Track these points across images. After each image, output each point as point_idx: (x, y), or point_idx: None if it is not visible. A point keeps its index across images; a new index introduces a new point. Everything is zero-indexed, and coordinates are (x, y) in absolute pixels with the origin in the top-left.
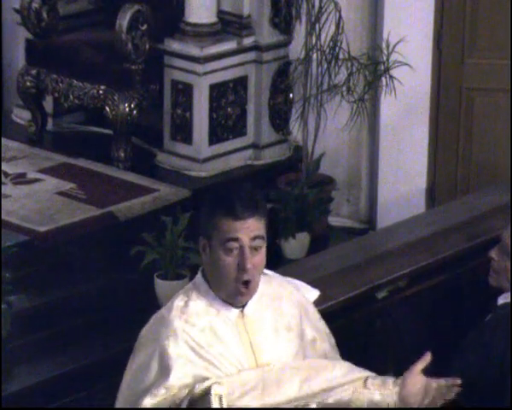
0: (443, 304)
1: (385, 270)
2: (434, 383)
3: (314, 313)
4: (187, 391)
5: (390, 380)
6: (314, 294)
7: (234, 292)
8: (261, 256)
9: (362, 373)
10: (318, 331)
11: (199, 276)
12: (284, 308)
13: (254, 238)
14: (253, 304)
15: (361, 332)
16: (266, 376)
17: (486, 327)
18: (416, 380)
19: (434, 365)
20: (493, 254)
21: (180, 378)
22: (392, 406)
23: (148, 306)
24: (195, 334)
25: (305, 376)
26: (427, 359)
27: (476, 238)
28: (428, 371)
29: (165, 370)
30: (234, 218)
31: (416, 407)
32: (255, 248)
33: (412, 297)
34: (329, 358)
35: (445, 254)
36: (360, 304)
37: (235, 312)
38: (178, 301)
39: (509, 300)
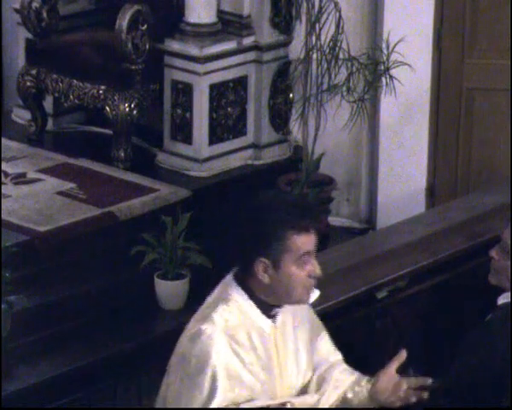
0: (443, 304)
1: (385, 270)
2: (406, 382)
3: (314, 313)
4: None
5: (364, 378)
6: (314, 294)
7: (300, 297)
8: None
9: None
10: (319, 328)
11: (234, 285)
12: (299, 315)
13: (315, 245)
14: (280, 315)
15: (361, 332)
16: None
17: (486, 327)
18: (389, 378)
19: (434, 365)
20: (493, 253)
21: (225, 400)
22: (362, 401)
23: (148, 306)
24: (241, 352)
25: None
26: (401, 357)
27: (476, 238)
28: (429, 372)
29: (214, 391)
30: (306, 233)
31: (384, 403)
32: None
33: (412, 297)
34: (331, 352)
35: (445, 254)
36: (360, 304)
37: (268, 323)
38: (218, 316)
39: (509, 300)
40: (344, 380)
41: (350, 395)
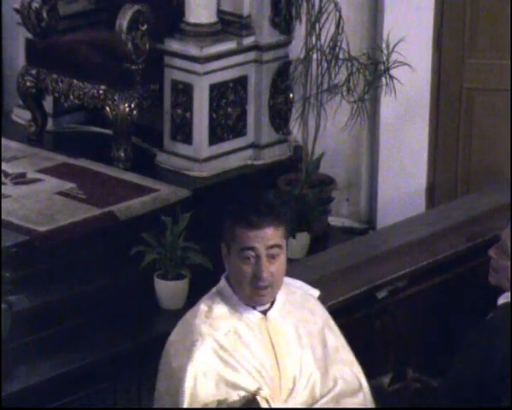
0: (443, 304)
1: (385, 270)
2: None
3: (335, 326)
4: (215, 399)
5: None
6: (314, 294)
7: (251, 297)
8: (279, 264)
9: None
10: (340, 342)
11: (222, 280)
12: (306, 316)
13: (271, 247)
14: (276, 309)
15: (361, 332)
16: None
17: (486, 327)
18: None
19: (434, 365)
20: (492, 252)
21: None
22: None
23: (148, 306)
24: (220, 337)
25: None
26: None
27: (476, 238)
28: (430, 371)
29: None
30: (250, 228)
31: None
32: (272, 257)
33: (412, 297)
34: (351, 370)
35: (445, 254)
36: (360, 304)
37: (257, 315)
38: (203, 306)
39: (509, 300)
40: None
41: None
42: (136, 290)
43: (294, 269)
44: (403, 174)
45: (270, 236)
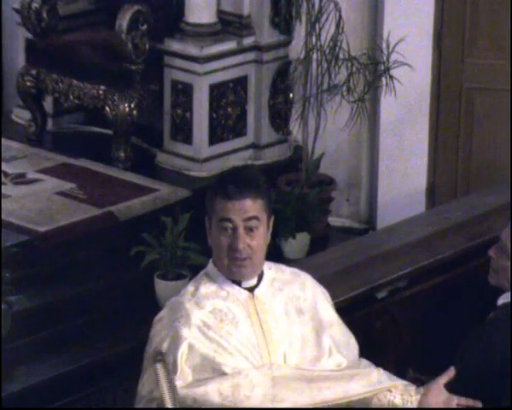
0: (443, 304)
1: (385, 270)
2: (455, 400)
3: (330, 303)
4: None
5: (412, 387)
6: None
7: (229, 268)
8: (258, 237)
9: (385, 384)
10: (336, 321)
11: (210, 262)
12: (296, 292)
13: (248, 219)
14: (263, 287)
15: (361, 332)
16: (276, 381)
17: (487, 327)
18: (439, 393)
19: (435, 365)
20: (492, 252)
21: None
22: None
23: (148, 306)
24: (205, 315)
25: (317, 386)
26: (450, 374)
27: (476, 238)
28: (430, 371)
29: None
30: (227, 199)
31: None
32: (250, 229)
33: (412, 297)
34: (344, 345)
35: (445, 254)
36: (360, 304)
37: (244, 293)
38: (190, 287)
39: (509, 300)
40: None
41: (398, 401)
42: (136, 290)
43: None
44: (403, 174)
45: (247, 207)
